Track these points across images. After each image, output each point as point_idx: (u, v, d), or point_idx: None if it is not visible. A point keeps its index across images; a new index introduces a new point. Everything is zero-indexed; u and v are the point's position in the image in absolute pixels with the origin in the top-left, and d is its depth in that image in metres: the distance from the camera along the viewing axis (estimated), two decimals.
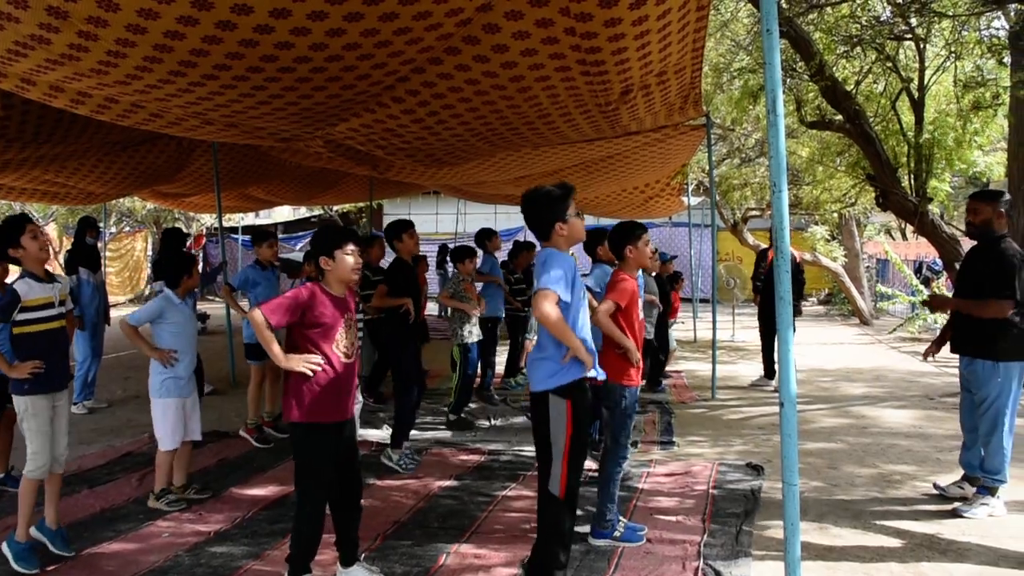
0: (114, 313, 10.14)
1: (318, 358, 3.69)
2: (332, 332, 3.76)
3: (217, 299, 21.06)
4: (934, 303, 5.58)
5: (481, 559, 4.26)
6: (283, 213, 29.04)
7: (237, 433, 7.01)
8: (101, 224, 14.90)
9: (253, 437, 6.63)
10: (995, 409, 4.89)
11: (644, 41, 4.46)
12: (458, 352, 7.43)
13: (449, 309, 7.60)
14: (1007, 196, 5.08)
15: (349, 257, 3.83)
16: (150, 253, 23.67)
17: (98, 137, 7.22)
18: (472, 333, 7.42)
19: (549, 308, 3.55)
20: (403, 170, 8.32)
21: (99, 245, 10.14)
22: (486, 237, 9.24)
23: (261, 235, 7.09)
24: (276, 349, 3.66)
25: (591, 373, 3.77)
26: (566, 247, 3.82)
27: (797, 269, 9.41)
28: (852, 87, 9.04)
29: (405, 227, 6.30)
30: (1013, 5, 7.73)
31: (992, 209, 4.99)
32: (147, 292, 22.60)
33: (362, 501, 4.01)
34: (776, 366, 9.17)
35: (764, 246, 12.81)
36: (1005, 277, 4.80)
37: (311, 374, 3.66)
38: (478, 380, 8.69)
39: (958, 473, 5.45)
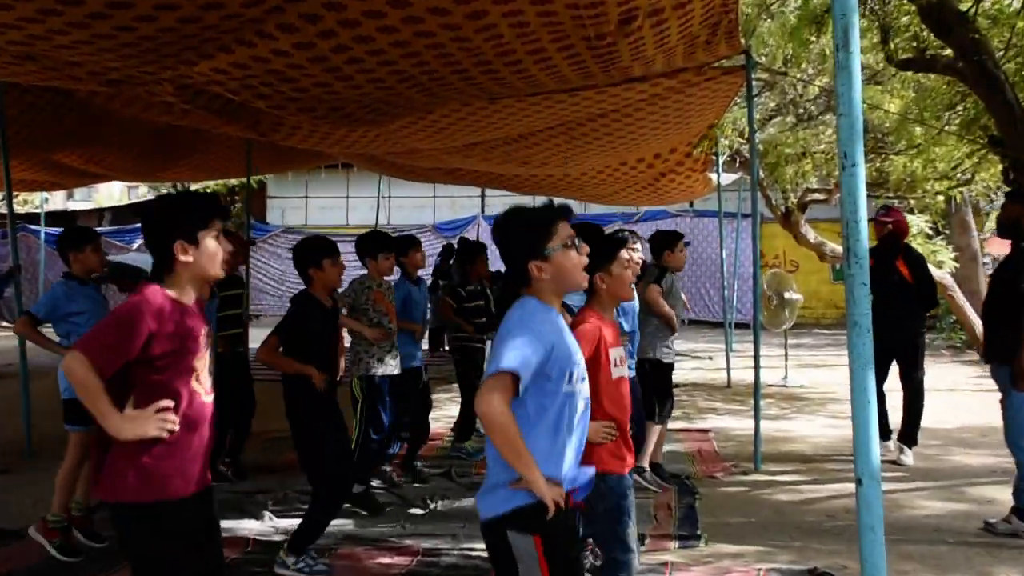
0: None
1: (171, 410, 3.65)
2: (193, 359, 3.77)
3: (5, 327, 20.66)
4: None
5: None
6: (111, 194, 28.75)
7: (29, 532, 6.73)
8: None
9: (53, 543, 6.40)
10: None
11: None
12: (358, 386, 7.49)
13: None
14: None
15: (214, 242, 3.85)
16: None
17: None
18: (385, 362, 7.44)
19: (493, 406, 3.48)
20: (297, 131, 8.25)
21: None
22: (407, 247, 8.66)
23: (80, 236, 6.93)
24: (107, 409, 3.57)
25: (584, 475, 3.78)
26: (552, 297, 3.83)
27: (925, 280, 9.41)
28: (970, 4, 8.96)
29: (332, 250, 6.39)
30: None
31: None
32: None
33: None
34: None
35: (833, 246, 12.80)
36: None
37: (167, 436, 3.63)
38: (403, 448, 8.82)
39: None
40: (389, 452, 8.46)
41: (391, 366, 7.54)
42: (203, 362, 3.82)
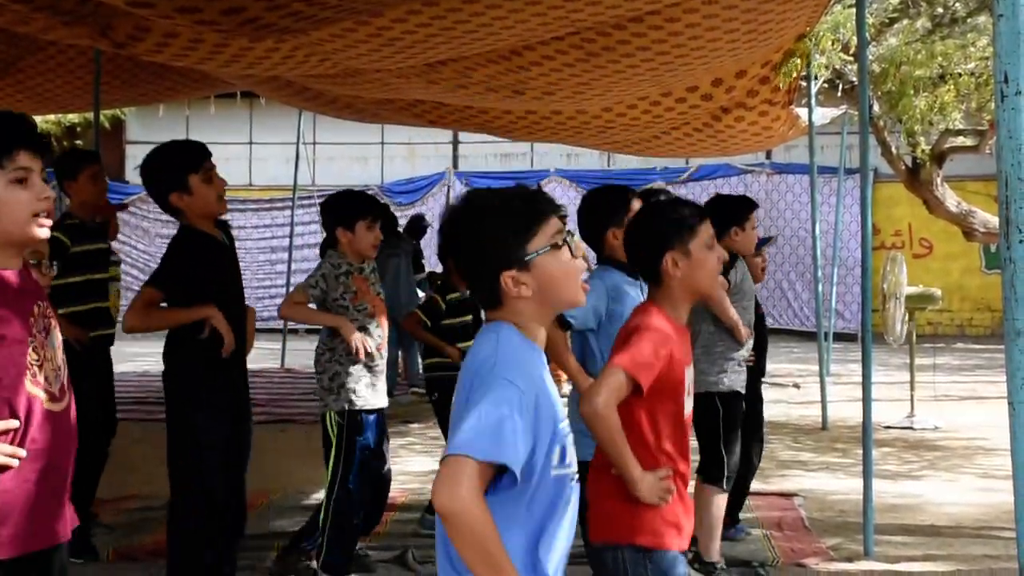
0: None
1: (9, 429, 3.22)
2: (18, 354, 3.24)
3: None
4: None
5: None
6: None
7: None
8: None
9: None
10: None
11: None
12: (334, 425, 6.61)
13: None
14: None
15: (20, 189, 3.31)
16: None
17: None
18: (375, 387, 6.57)
19: (460, 499, 2.77)
20: (172, 41, 7.65)
21: None
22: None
23: None
24: None
25: None
26: (534, 324, 3.11)
27: None
28: None
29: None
30: None
31: None
32: None
33: None
34: None
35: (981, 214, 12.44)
36: None
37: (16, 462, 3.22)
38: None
39: None
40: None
41: (378, 394, 6.57)
42: (38, 353, 3.31)
